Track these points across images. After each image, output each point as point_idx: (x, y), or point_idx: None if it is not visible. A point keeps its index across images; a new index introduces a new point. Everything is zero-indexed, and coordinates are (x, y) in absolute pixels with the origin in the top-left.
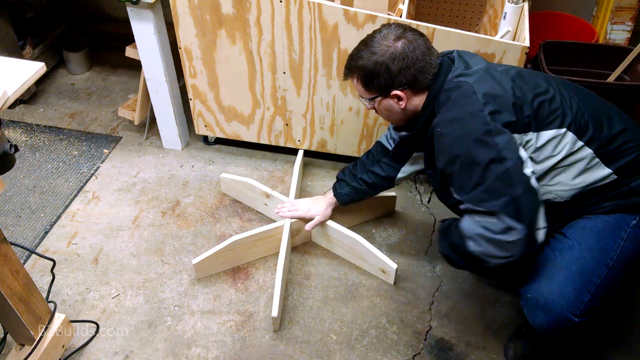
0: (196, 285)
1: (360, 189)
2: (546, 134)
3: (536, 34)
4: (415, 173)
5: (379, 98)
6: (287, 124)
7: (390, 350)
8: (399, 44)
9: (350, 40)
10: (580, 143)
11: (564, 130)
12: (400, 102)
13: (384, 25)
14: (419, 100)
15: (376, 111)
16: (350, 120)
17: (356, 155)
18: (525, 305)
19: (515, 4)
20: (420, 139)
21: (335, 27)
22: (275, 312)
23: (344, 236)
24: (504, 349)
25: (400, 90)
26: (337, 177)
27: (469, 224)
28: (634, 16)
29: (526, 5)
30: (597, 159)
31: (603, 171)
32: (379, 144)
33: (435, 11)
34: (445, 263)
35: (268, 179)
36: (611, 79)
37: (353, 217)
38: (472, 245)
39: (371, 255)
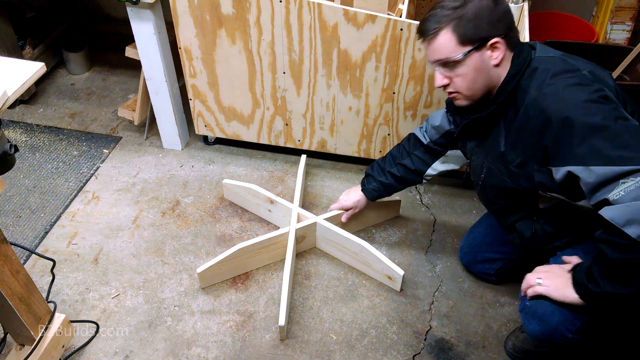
0: (196, 286)
1: (388, 184)
2: None
3: (536, 34)
4: (445, 172)
5: (475, 54)
6: (287, 124)
7: (390, 350)
8: None
9: (350, 40)
10: None
11: None
12: (495, 56)
13: None
14: (506, 61)
15: (449, 83)
16: (350, 120)
17: (356, 155)
18: (523, 311)
19: (515, 4)
20: (487, 122)
21: (335, 27)
22: (282, 321)
23: (349, 242)
24: (504, 342)
25: (501, 38)
26: (365, 172)
27: (620, 210)
28: (634, 16)
29: (526, 5)
30: None
31: None
32: (412, 135)
33: None
34: (445, 264)
35: (268, 179)
36: None
37: (358, 222)
38: (634, 229)
39: (377, 261)
